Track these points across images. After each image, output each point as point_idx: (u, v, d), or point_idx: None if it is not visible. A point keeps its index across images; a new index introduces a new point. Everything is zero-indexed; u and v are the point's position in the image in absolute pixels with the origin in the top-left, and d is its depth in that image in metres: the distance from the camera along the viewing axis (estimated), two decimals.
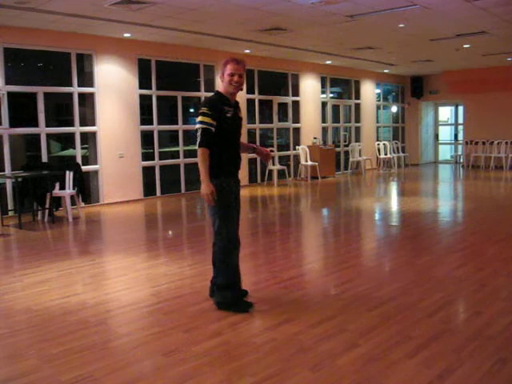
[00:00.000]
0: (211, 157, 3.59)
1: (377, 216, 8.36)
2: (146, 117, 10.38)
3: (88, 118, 9.63)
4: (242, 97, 12.07)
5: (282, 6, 7.59)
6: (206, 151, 3.57)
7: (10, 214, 8.39)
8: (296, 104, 13.63)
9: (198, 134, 3.57)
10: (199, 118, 3.59)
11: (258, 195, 11.00)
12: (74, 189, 8.17)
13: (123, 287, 4.48)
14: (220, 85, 3.73)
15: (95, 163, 9.65)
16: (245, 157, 10.92)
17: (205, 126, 3.55)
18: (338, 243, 6.43)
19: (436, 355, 2.96)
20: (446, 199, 10.38)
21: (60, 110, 11.13)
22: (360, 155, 15.20)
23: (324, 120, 14.70)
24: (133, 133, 10.12)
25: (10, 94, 8.48)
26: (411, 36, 10.15)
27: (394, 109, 17.86)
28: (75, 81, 9.22)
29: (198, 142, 3.57)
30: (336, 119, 15.28)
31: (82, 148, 9.51)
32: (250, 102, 12.32)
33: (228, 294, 3.74)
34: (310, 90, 13.98)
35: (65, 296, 4.24)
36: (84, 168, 9.01)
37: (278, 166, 12.43)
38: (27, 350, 3.18)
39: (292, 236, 6.71)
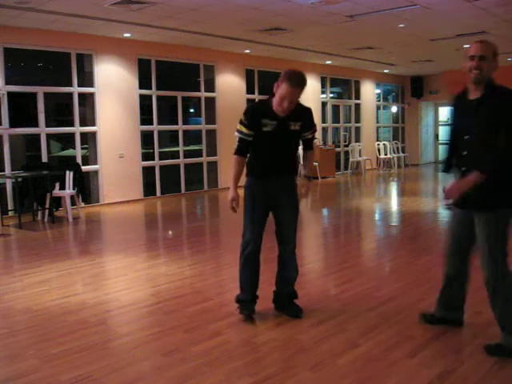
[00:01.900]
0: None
1: (377, 216, 8.37)
2: (146, 117, 10.38)
3: (88, 118, 9.63)
4: (242, 97, 12.08)
5: (281, 5, 7.59)
6: (238, 159, 3.45)
7: (10, 214, 8.39)
8: None
9: (236, 140, 3.47)
10: (237, 126, 3.44)
11: None
12: (74, 189, 8.17)
13: (123, 287, 4.48)
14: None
15: (95, 163, 9.65)
16: None
17: (239, 135, 3.44)
18: (338, 243, 6.43)
19: (436, 355, 2.96)
20: None
21: (60, 110, 11.14)
22: (360, 155, 15.20)
23: (324, 120, 14.70)
24: (133, 133, 10.11)
25: (10, 94, 8.48)
26: (411, 36, 10.15)
27: (394, 109, 17.86)
28: (75, 81, 9.22)
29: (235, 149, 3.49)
30: (336, 119, 15.27)
31: (82, 148, 9.50)
32: (251, 102, 12.32)
33: (240, 294, 3.67)
34: (310, 90, 13.96)
35: (65, 296, 4.24)
36: (84, 168, 9.01)
37: None
38: (27, 349, 3.18)
39: None
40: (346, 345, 3.13)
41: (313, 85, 14.05)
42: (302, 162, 3.52)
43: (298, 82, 3.28)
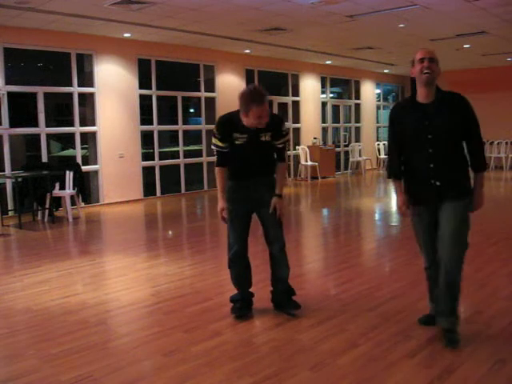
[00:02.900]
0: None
1: (377, 216, 8.36)
2: (146, 117, 10.38)
3: (88, 118, 9.63)
4: None
5: (281, 5, 7.59)
6: (220, 170, 3.56)
7: (10, 214, 8.39)
8: (296, 104, 13.63)
9: (214, 152, 3.60)
10: (212, 139, 3.56)
11: None
12: (74, 189, 8.17)
13: (123, 287, 4.48)
14: None
15: (95, 163, 9.65)
16: None
17: (216, 149, 3.56)
18: (338, 243, 6.43)
19: (436, 355, 2.96)
20: None
21: (60, 110, 11.14)
22: (360, 155, 15.20)
23: (324, 120, 14.70)
24: (133, 133, 10.11)
25: (10, 94, 8.48)
26: (411, 36, 10.15)
27: None
28: (75, 81, 9.22)
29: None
30: (336, 119, 15.27)
31: (82, 148, 9.50)
32: None
33: (234, 294, 3.77)
34: (310, 90, 13.97)
35: (65, 296, 4.24)
36: (84, 168, 9.01)
37: None
38: (27, 350, 3.18)
39: (292, 236, 6.71)
40: (346, 345, 3.13)
41: (313, 85, 14.05)
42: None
43: (263, 98, 3.27)
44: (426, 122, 3.07)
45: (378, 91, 16.78)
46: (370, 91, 16.18)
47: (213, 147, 3.59)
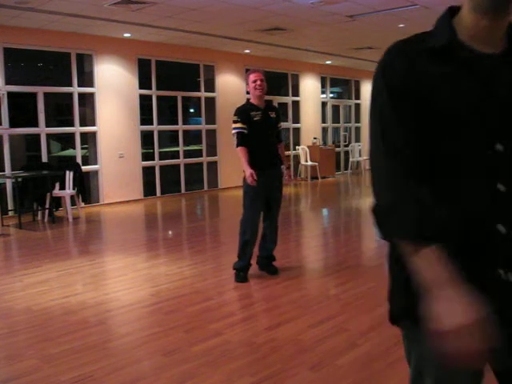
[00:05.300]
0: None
1: None
2: (146, 117, 10.38)
3: (88, 118, 9.63)
4: (242, 97, 12.07)
5: (281, 6, 7.59)
6: (242, 148, 4.38)
7: (10, 214, 8.39)
8: (296, 104, 13.63)
9: (234, 138, 4.40)
10: (233, 125, 4.43)
11: None
12: (74, 189, 8.17)
13: (123, 287, 4.48)
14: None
15: (95, 163, 9.65)
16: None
17: (238, 130, 4.40)
18: (338, 243, 6.43)
19: None
20: None
21: (60, 110, 11.14)
22: (360, 155, 15.20)
23: (324, 120, 14.70)
24: (133, 133, 10.11)
25: (10, 94, 8.48)
26: None
27: None
28: (75, 81, 9.22)
29: (235, 144, 4.41)
30: (336, 119, 15.27)
31: (82, 148, 9.50)
32: None
33: (237, 262, 4.49)
34: (310, 90, 13.98)
35: (65, 296, 4.24)
36: (84, 168, 9.00)
37: None
38: (27, 350, 3.18)
39: (292, 236, 6.71)
40: (346, 345, 3.13)
41: (313, 85, 14.05)
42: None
43: (257, 69, 4.55)
44: (491, 97, 1.13)
45: None
46: (370, 91, 16.15)
47: (234, 131, 4.38)
